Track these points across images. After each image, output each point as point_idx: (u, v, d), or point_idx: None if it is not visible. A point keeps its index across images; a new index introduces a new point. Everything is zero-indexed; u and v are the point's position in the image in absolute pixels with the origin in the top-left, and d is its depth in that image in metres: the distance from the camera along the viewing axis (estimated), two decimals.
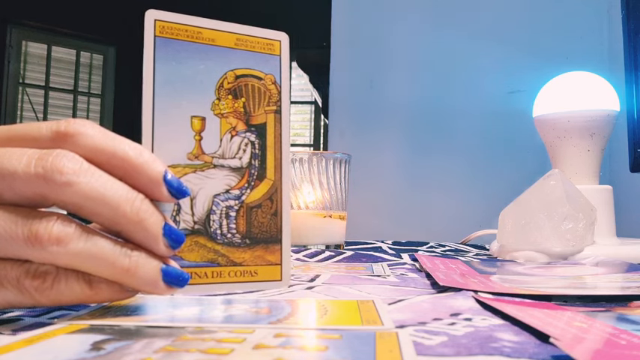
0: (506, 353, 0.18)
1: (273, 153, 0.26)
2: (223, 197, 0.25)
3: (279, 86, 0.26)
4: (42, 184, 0.21)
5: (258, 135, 0.26)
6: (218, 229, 0.25)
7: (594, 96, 0.59)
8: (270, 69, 0.26)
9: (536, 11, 1.14)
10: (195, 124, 0.25)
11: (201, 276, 0.24)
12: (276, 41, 0.27)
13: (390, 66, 1.18)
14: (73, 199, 0.21)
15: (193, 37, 0.25)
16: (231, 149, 0.25)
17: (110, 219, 0.22)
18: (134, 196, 0.22)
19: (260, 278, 0.25)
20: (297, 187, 0.61)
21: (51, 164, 0.20)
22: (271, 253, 0.25)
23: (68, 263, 0.21)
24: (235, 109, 0.26)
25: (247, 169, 0.25)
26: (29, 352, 0.17)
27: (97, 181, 0.21)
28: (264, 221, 0.25)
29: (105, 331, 0.20)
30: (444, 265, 0.43)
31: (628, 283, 0.34)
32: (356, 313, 0.24)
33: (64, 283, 0.21)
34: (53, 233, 0.20)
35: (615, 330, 0.20)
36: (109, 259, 0.21)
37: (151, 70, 0.24)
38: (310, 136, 3.87)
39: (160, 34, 0.24)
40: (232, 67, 0.26)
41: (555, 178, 0.52)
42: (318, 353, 0.18)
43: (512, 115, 1.05)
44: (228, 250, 0.25)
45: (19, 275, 0.21)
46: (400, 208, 1.15)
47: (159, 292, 0.23)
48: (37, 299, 0.21)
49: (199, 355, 0.17)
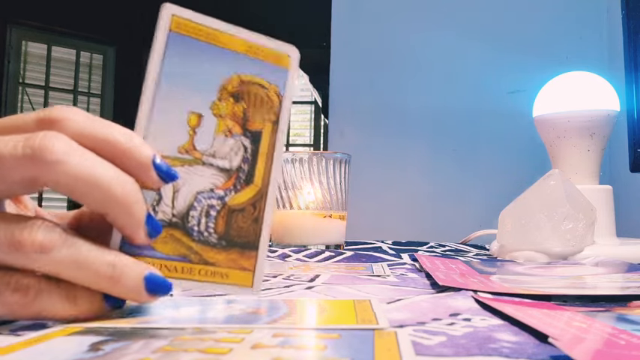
0: (505, 354, 0.18)
1: (265, 161, 0.26)
2: (207, 195, 0.25)
3: (282, 98, 0.26)
4: (31, 166, 0.20)
5: (252, 141, 0.26)
6: (196, 226, 0.24)
7: (594, 96, 0.59)
8: (276, 80, 0.26)
9: (536, 11, 1.14)
10: (191, 119, 0.25)
11: (171, 269, 0.24)
12: (286, 54, 0.27)
13: (390, 66, 1.18)
14: (64, 179, 0.20)
15: (206, 37, 0.25)
16: (223, 150, 0.25)
17: (100, 201, 0.21)
18: (125, 178, 0.21)
19: (230, 281, 0.25)
20: (297, 187, 0.61)
21: (39, 144, 0.20)
22: (246, 259, 0.25)
23: (51, 270, 0.21)
24: (234, 112, 0.25)
25: (236, 172, 0.25)
26: (28, 354, 0.17)
27: (87, 161, 0.21)
28: (244, 226, 0.25)
29: (103, 332, 0.20)
30: (444, 265, 0.43)
31: (628, 283, 0.34)
32: (352, 312, 0.24)
33: (46, 298, 0.21)
34: (37, 239, 0.20)
35: (615, 330, 0.20)
36: (93, 267, 0.21)
37: (159, 63, 0.24)
38: (310, 136, 3.87)
39: (175, 29, 0.24)
40: (239, 71, 0.26)
41: (555, 178, 0.52)
42: (316, 352, 0.18)
43: (512, 115, 1.05)
44: (202, 249, 0.24)
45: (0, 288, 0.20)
46: (400, 208, 1.15)
47: (142, 300, 0.22)
48: (17, 313, 0.21)
49: (198, 355, 0.17)
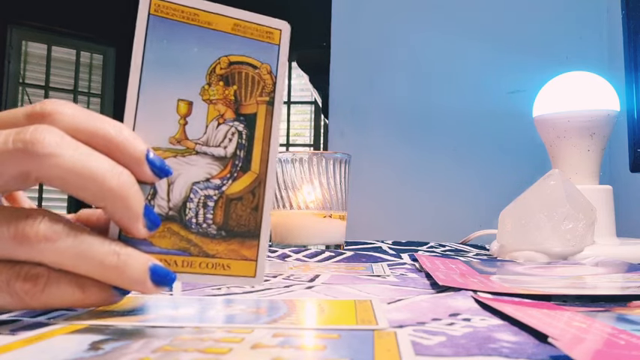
0: (505, 354, 0.18)
1: (261, 146, 0.25)
2: (203, 186, 0.24)
3: (275, 77, 0.25)
4: (23, 159, 0.20)
5: (246, 125, 0.25)
6: (193, 218, 0.24)
7: (594, 96, 0.59)
8: (267, 58, 0.25)
9: (536, 11, 1.14)
10: (181, 107, 0.24)
11: (171, 264, 0.23)
12: (277, 30, 0.25)
13: (390, 66, 1.18)
14: (57, 173, 0.20)
15: (189, 18, 0.24)
16: (217, 137, 0.24)
17: (95, 194, 0.21)
18: (120, 170, 0.21)
19: (232, 272, 0.24)
20: (297, 187, 0.61)
21: (30, 137, 0.20)
22: (247, 248, 0.24)
23: (56, 262, 0.21)
24: (225, 96, 0.24)
25: (231, 160, 0.24)
26: (27, 352, 0.17)
27: (80, 154, 0.20)
28: (243, 214, 0.24)
29: (103, 331, 0.20)
30: (444, 265, 0.43)
31: (628, 283, 0.34)
32: (352, 312, 0.24)
33: (55, 287, 0.21)
34: (40, 231, 0.20)
35: (614, 330, 0.20)
36: (98, 257, 0.21)
37: (141, 49, 0.23)
38: (310, 136, 3.87)
39: (155, 12, 0.23)
40: (227, 52, 0.24)
41: (555, 178, 0.52)
42: (316, 352, 0.18)
43: (512, 115, 1.05)
44: (201, 241, 0.24)
45: (9, 278, 0.20)
46: (400, 208, 1.15)
47: (146, 291, 0.22)
48: (27, 303, 0.21)
49: (198, 355, 0.17)
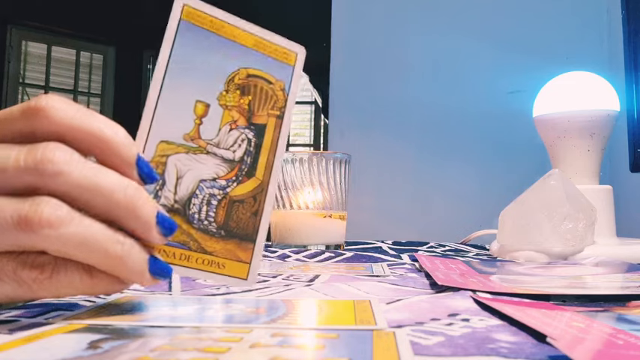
0: (503, 354, 0.18)
1: (267, 155, 0.26)
2: (209, 184, 0.25)
3: (287, 94, 0.27)
4: (33, 176, 0.20)
5: (256, 134, 0.26)
6: (197, 214, 0.25)
7: (594, 96, 0.59)
8: (282, 76, 0.27)
9: (537, 11, 1.14)
10: (198, 108, 0.25)
11: (169, 255, 0.24)
12: (293, 52, 0.27)
13: (390, 66, 1.18)
14: (66, 188, 0.20)
15: (216, 29, 0.26)
16: (227, 141, 0.26)
17: (104, 207, 0.21)
18: (126, 183, 0.22)
19: (226, 272, 0.25)
20: (297, 187, 0.61)
21: (41, 155, 0.20)
22: (243, 251, 0.25)
23: (60, 248, 0.21)
24: (240, 104, 0.26)
25: (238, 164, 0.26)
26: (26, 351, 0.17)
27: (89, 170, 0.21)
28: (243, 217, 0.26)
29: (102, 330, 0.20)
30: (444, 265, 0.42)
31: (628, 283, 0.34)
32: (351, 312, 0.24)
33: (63, 274, 0.21)
34: (44, 216, 0.20)
35: (613, 330, 0.20)
36: (102, 245, 0.21)
37: (169, 49, 0.25)
38: (310, 136, 3.87)
39: (186, 17, 0.25)
40: (246, 65, 0.26)
41: (555, 178, 0.52)
42: (315, 352, 0.18)
43: (512, 115, 1.05)
44: (201, 237, 0.25)
45: (16, 267, 0.20)
46: (400, 208, 1.15)
47: (144, 282, 0.22)
48: (35, 291, 0.21)
49: (196, 354, 0.17)
